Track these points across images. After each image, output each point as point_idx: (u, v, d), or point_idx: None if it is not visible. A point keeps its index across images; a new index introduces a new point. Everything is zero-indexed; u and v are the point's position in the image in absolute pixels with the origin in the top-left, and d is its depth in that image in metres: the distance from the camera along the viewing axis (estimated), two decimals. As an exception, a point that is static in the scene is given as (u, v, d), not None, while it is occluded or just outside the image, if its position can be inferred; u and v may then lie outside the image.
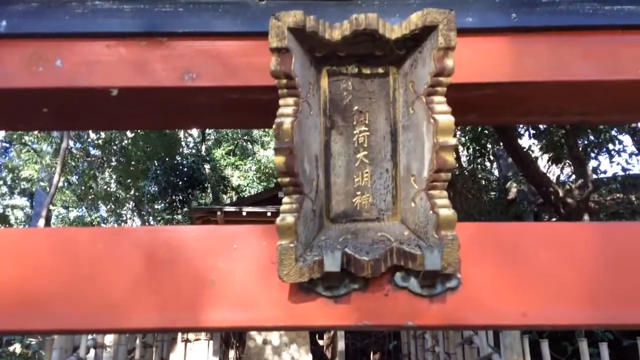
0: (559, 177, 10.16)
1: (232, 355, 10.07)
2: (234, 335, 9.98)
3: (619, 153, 8.68)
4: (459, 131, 9.33)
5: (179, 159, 16.62)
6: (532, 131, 8.61)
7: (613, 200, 9.32)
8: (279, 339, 9.19)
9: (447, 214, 1.10)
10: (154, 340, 6.94)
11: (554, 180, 9.03)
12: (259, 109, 1.34)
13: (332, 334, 9.79)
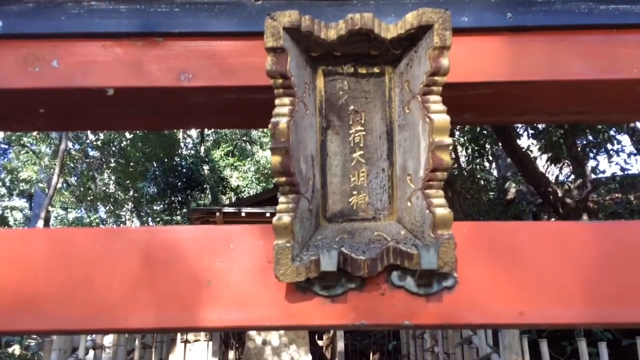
0: (557, 177, 10.15)
1: (231, 356, 10.05)
2: (233, 335, 9.97)
3: (617, 153, 8.68)
4: (457, 131, 9.33)
5: (177, 160, 16.64)
6: (531, 131, 8.61)
7: (612, 200, 9.32)
8: (278, 339, 9.17)
9: (443, 213, 1.10)
10: (153, 341, 6.93)
11: (552, 180, 9.02)
12: (255, 108, 1.34)
13: (331, 334, 9.79)
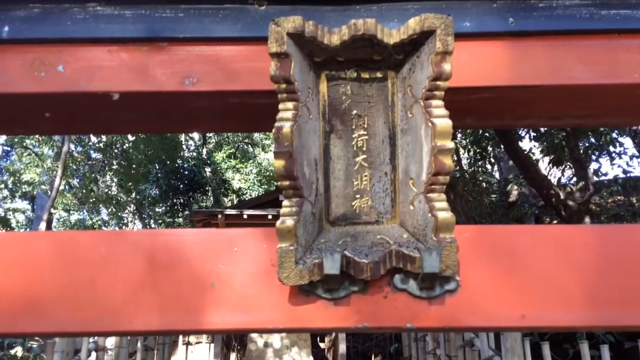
0: (559, 180, 10.15)
1: (233, 358, 10.05)
2: (235, 338, 9.97)
3: (619, 155, 8.69)
4: (459, 134, 9.33)
5: (180, 162, 16.66)
6: (533, 134, 8.61)
7: (614, 203, 9.31)
8: (280, 341, 9.17)
9: (445, 216, 1.11)
10: (155, 343, 6.94)
11: (554, 182, 9.02)
12: (259, 113, 1.35)
13: (333, 336, 9.78)
